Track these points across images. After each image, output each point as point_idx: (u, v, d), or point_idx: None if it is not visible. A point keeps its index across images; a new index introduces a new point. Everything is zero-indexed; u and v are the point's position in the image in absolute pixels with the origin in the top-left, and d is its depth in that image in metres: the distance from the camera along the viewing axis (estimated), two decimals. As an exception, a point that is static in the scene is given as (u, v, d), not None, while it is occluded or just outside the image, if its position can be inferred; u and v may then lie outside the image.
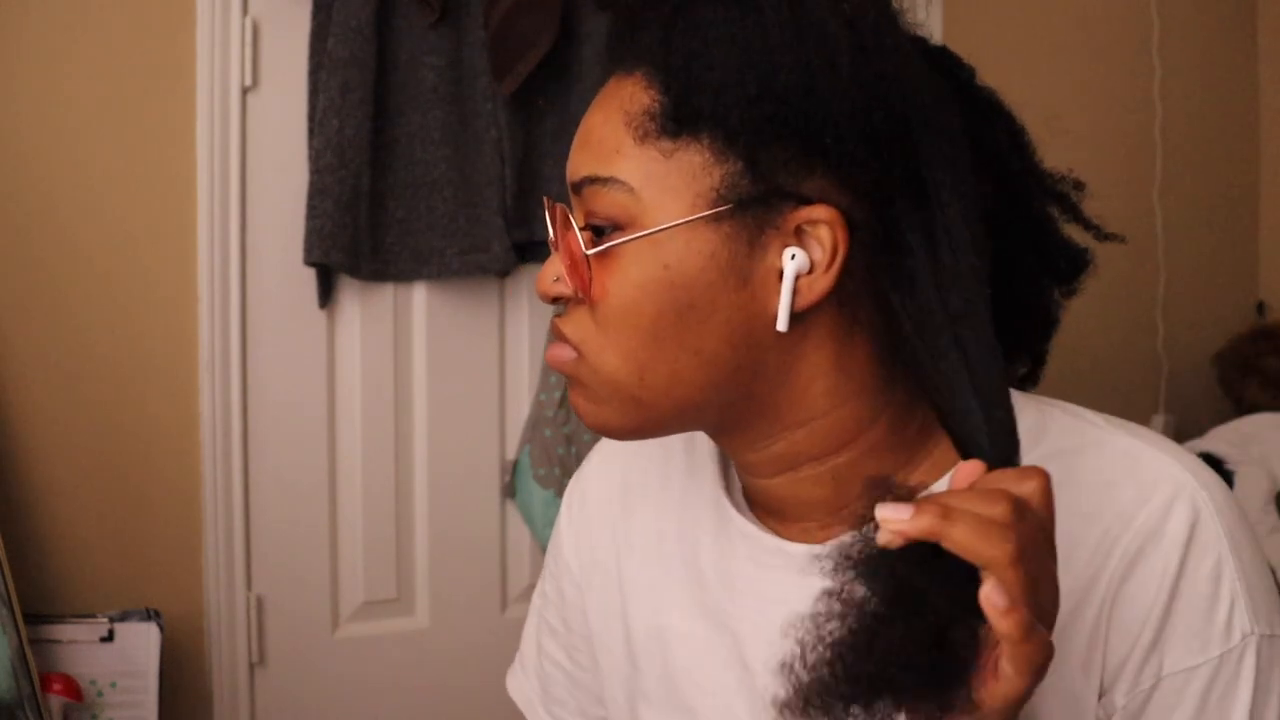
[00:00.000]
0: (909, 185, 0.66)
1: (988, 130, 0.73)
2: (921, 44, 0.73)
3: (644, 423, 0.72)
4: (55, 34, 1.81)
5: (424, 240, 2.00)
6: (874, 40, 0.65)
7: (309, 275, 1.96)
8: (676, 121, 0.67)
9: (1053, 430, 0.72)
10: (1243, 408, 2.62)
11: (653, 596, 0.83)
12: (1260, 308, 2.94)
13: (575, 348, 0.71)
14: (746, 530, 0.77)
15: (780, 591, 0.74)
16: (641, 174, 0.68)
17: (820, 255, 0.67)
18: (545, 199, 0.74)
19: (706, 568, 0.79)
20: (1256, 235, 2.99)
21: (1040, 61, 2.56)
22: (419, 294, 2.06)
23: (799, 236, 0.67)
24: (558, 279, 0.71)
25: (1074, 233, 0.78)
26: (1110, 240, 0.77)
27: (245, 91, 1.92)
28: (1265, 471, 2.33)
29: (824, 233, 0.67)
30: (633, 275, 0.68)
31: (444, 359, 2.07)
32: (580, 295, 0.70)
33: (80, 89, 1.82)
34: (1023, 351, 0.78)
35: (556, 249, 0.72)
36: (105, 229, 1.85)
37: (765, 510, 0.77)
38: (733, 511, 0.78)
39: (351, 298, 2.02)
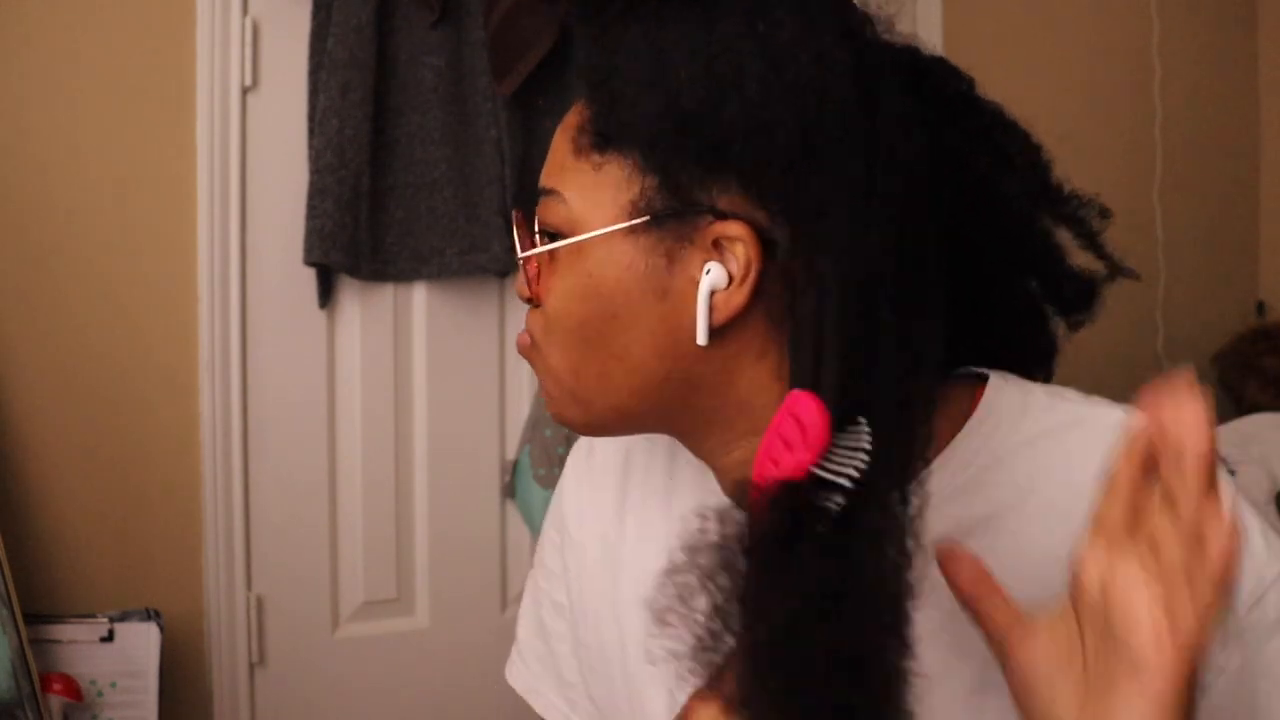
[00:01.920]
0: (840, 202, 0.65)
1: (985, 147, 0.72)
2: (910, 55, 0.72)
3: (590, 420, 0.75)
4: (56, 34, 1.81)
5: (424, 240, 2.00)
6: (788, 54, 0.65)
7: (309, 275, 1.96)
8: (603, 136, 0.70)
9: (1035, 409, 0.73)
10: (1243, 408, 2.62)
11: (649, 575, 0.82)
12: (1260, 308, 2.94)
13: (531, 337, 0.76)
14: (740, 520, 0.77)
15: None
16: (575, 186, 0.71)
17: (737, 270, 0.67)
18: (515, 210, 0.78)
19: None
20: (1256, 235, 2.99)
21: (1040, 62, 2.57)
22: (419, 294, 2.06)
23: (718, 251, 0.68)
24: (524, 281, 0.76)
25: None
26: (1126, 276, 0.76)
27: (245, 91, 1.92)
28: (1265, 471, 2.33)
29: (739, 248, 0.67)
30: (566, 282, 0.72)
31: (444, 359, 2.07)
32: (532, 297, 0.75)
33: (80, 89, 1.82)
34: (1019, 372, 0.77)
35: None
36: (105, 229, 1.85)
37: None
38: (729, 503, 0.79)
39: (351, 298, 2.02)
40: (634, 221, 0.69)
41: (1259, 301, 2.96)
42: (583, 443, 0.93)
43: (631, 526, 0.86)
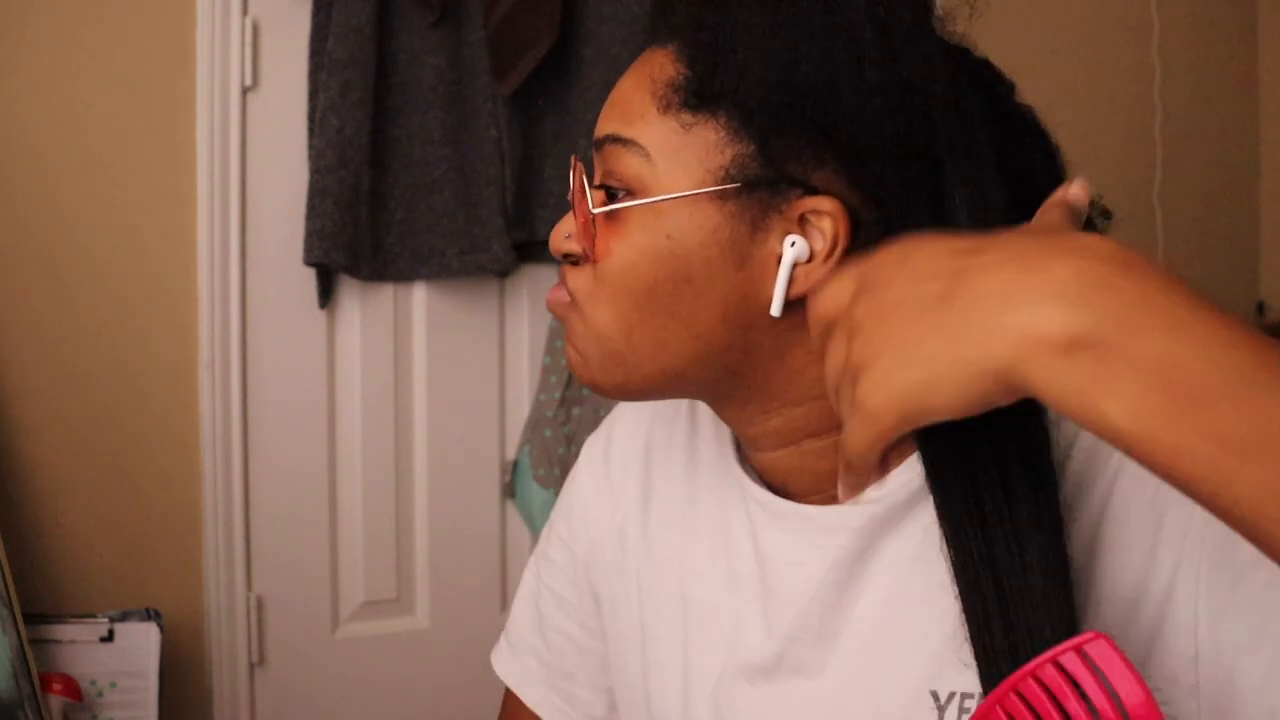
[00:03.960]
0: (925, 195, 0.66)
1: (1020, 149, 0.73)
2: (962, 55, 0.74)
3: (626, 382, 0.73)
4: (56, 34, 1.81)
5: (424, 240, 2.00)
6: (905, 47, 0.66)
7: (309, 275, 1.96)
8: (698, 96, 0.69)
9: None
10: (1243, 408, 2.62)
11: (675, 563, 0.83)
12: (1260, 308, 2.94)
13: (571, 295, 0.73)
14: (761, 497, 0.78)
15: (798, 554, 0.75)
16: (659, 142, 0.70)
17: (821, 246, 0.68)
18: (574, 156, 0.75)
19: (737, 535, 0.80)
20: (1256, 235, 2.99)
21: (1040, 61, 2.57)
22: (419, 294, 2.06)
23: (802, 225, 0.69)
24: (569, 235, 0.74)
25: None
26: None
27: (245, 91, 1.92)
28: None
29: (827, 224, 0.68)
30: (636, 240, 0.70)
31: (444, 359, 2.07)
32: (586, 254, 0.72)
33: (81, 89, 1.82)
34: None
35: (574, 206, 0.74)
36: (106, 229, 1.85)
37: (774, 483, 0.79)
38: (748, 480, 0.79)
39: (351, 298, 2.02)
40: (726, 186, 0.68)
41: (1259, 301, 2.95)
42: (600, 435, 0.93)
43: (656, 513, 0.86)
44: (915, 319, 0.51)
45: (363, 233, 1.94)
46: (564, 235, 0.74)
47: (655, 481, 0.87)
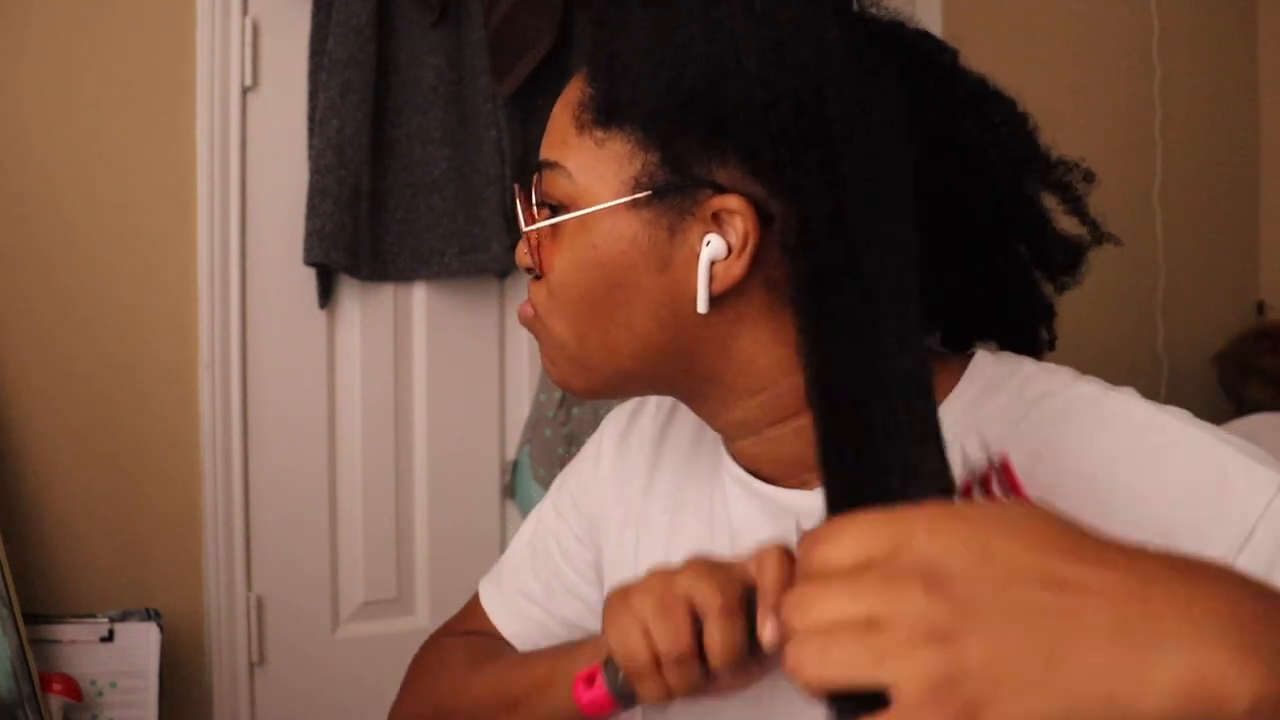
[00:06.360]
0: (823, 180, 0.66)
1: (974, 115, 0.74)
2: (898, 29, 0.75)
3: (592, 384, 0.78)
4: (56, 34, 1.81)
5: (424, 240, 2.00)
6: (787, 35, 0.68)
7: (309, 275, 1.96)
8: (605, 113, 0.73)
9: (1013, 385, 0.74)
10: (1243, 408, 2.62)
11: (665, 541, 0.86)
12: (1260, 308, 2.94)
13: (534, 308, 0.79)
14: (738, 475, 0.81)
15: (765, 532, 0.77)
16: (578, 161, 0.74)
17: (735, 241, 0.71)
18: (534, 177, 0.79)
19: (718, 515, 0.83)
20: (1256, 235, 2.99)
21: (1040, 61, 2.56)
22: (419, 294, 2.06)
23: (718, 223, 0.71)
24: (526, 251, 0.79)
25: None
26: (1108, 241, 0.78)
27: (245, 91, 1.92)
28: (1265, 471, 2.32)
29: (737, 221, 0.71)
30: (570, 254, 0.74)
31: (444, 359, 2.07)
32: (535, 268, 0.77)
33: (80, 89, 1.82)
34: (1019, 339, 0.79)
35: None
36: (105, 229, 1.85)
37: (751, 469, 0.81)
38: (729, 461, 0.82)
39: (351, 298, 2.02)
40: (637, 195, 0.72)
41: (1259, 301, 2.95)
42: (624, 411, 0.96)
43: (658, 491, 0.89)
44: (1037, 636, 0.42)
45: (363, 233, 1.94)
46: (524, 251, 0.79)
47: (665, 459, 0.90)
